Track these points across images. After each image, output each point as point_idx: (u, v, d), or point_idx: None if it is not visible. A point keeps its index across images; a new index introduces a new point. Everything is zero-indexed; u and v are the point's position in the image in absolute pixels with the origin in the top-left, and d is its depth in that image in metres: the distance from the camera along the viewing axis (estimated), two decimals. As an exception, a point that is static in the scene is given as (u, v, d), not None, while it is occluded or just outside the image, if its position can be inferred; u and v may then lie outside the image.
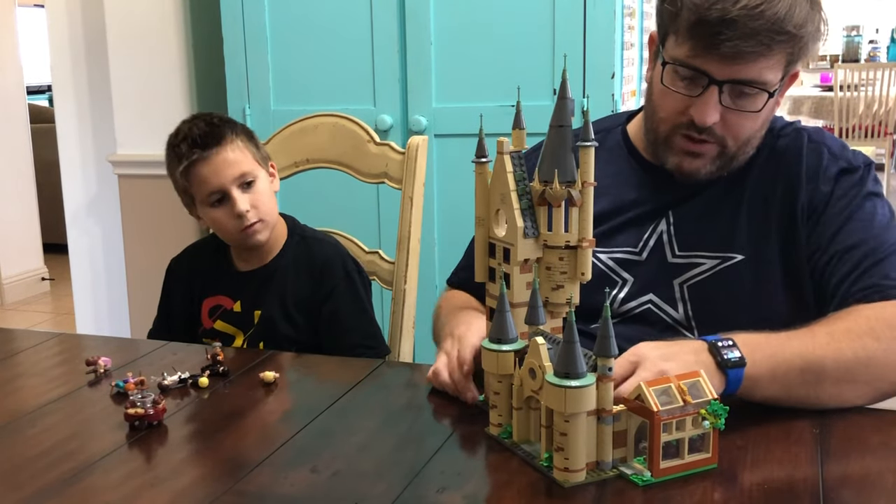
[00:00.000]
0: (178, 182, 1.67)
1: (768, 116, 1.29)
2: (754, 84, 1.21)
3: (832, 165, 1.30)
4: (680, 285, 1.30)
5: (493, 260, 1.11)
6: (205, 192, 1.63)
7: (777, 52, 1.20)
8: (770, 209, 1.30)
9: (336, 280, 1.68)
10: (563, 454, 0.95)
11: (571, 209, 1.04)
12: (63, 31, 3.09)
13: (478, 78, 2.48)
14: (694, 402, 0.96)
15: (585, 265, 1.06)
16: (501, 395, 1.06)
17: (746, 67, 1.20)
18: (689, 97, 1.24)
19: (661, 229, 1.33)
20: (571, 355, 0.93)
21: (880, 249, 1.23)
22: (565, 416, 0.94)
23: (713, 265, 1.29)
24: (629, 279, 1.33)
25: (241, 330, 1.69)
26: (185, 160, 1.62)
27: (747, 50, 1.17)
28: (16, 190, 4.84)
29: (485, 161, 1.10)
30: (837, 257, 1.25)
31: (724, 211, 1.31)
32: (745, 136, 1.27)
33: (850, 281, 1.22)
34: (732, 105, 1.23)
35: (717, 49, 1.18)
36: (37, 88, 7.46)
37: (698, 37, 1.20)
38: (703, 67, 1.21)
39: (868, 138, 6.11)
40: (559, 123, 1.05)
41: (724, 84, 1.21)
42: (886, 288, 1.20)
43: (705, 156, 1.27)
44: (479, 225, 1.12)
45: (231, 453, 1.09)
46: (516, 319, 1.06)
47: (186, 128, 1.66)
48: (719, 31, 1.17)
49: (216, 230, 1.69)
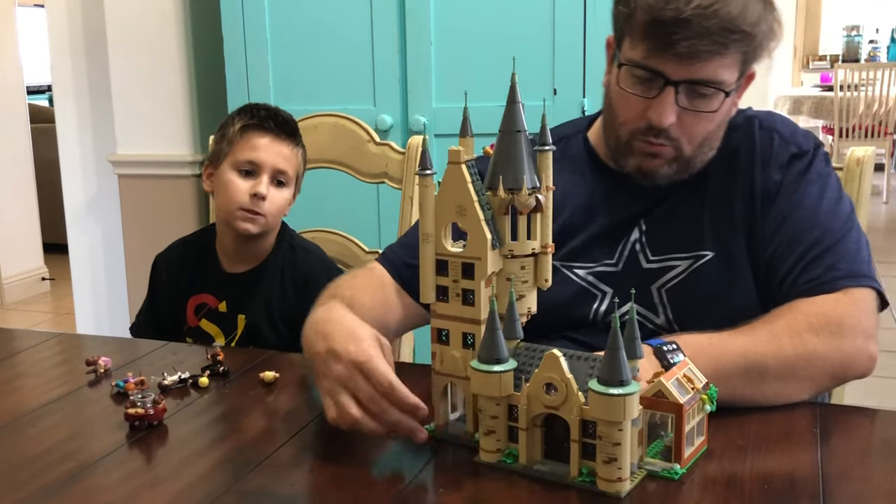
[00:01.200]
0: (228, 133, 1.68)
1: (724, 118, 1.28)
2: (710, 84, 1.21)
3: (783, 151, 1.30)
4: (658, 290, 1.30)
5: (444, 278, 1.04)
6: (244, 157, 1.65)
7: (732, 51, 1.20)
8: (733, 203, 1.30)
9: (320, 292, 1.67)
10: (617, 464, 0.92)
11: (532, 216, 1.02)
12: (63, 31, 3.09)
13: (478, 78, 2.48)
14: (700, 388, 0.99)
15: (548, 271, 1.04)
16: (500, 418, 0.99)
17: (702, 67, 1.19)
18: (647, 99, 1.23)
19: (634, 238, 1.33)
20: (618, 362, 0.90)
21: (824, 239, 1.24)
22: (620, 426, 0.91)
23: (686, 265, 1.29)
24: (608, 291, 1.32)
25: (224, 331, 1.69)
26: (255, 120, 1.66)
27: (702, 49, 1.17)
28: (16, 190, 4.84)
29: (429, 173, 1.03)
30: (782, 249, 1.25)
31: (690, 211, 1.32)
32: (699, 138, 1.26)
33: (794, 275, 1.23)
34: (689, 106, 1.22)
35: (672, 49, 1.18)
36: (37, 88, 7.46)
37: (653, 37, 1.19)
38: (658, 68, 1.21)
39: (868, 138, 6.12)
40: (514, 129, 1.02)
41: (680, 84, 1.21)
42: (828, 281, 1.20)
43: (663, 156, 1.27)
44: (427, 241, 1.03)
45: (231, 453, 1.09)
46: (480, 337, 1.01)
47: (273, 107, 1.71)
48: (673, 30, 1.16)
49: (221, 194, 1.68)
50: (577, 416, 0.94)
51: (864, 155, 1.47)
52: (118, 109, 2.97)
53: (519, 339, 1.03)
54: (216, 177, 1.69)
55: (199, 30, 2.90)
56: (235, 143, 1.65)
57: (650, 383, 0.97)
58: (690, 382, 0.99)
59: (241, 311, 1.68)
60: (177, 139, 2.93)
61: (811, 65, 8.13)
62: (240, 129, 1.66)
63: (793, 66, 7.84)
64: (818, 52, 8.41)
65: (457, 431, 1.08)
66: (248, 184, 1.64)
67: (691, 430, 0.98)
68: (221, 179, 1.66)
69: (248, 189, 1.64)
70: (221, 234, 1.73)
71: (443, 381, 1.07)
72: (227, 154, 1.67)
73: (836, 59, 7.69)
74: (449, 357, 1.06)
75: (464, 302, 1.03)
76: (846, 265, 1.22)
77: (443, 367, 1.07)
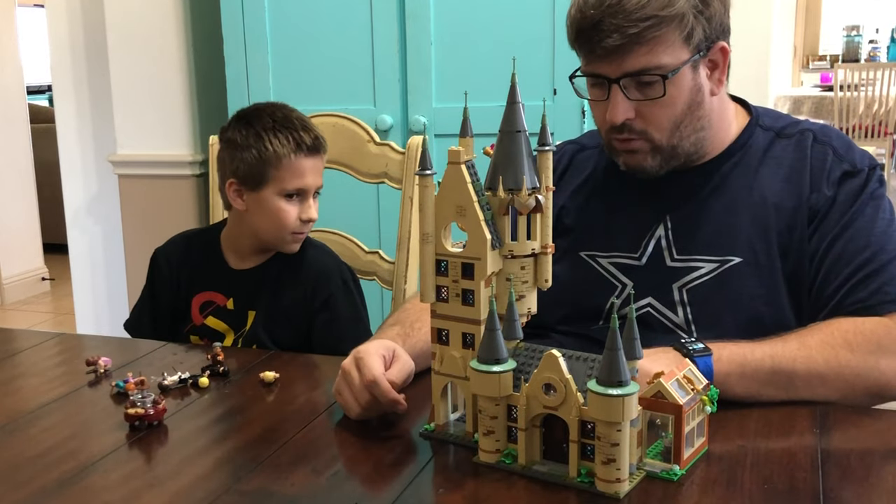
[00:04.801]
0: (267, 156, 1.63)
1: (692, 98, 1.28)
2: (648, 72, 1.24)
3: (836, 168, 1.30)
4: (679, 289, 1.30)
5: (443, 278, 1.04)
6: (294, 185, 1.64)
7: (653, 35, 1.22)
8: (770, 211, 1.29)
9: (332, 289, 1.68)
10: (615, 465, 0.92)
11: (532, 216, 1.02)
12: (63, 31, 3.09)
13: (478, 78, 2.48)
14: (700, 389, 0.99)
15: (548, 271, 1.04)
16: (499, 418, 1.00)
17: (630, 59, 1.23)
18: (604, 102, 1.28)
19: (660, 234, 1.33)
20: (618, 363, 0.90)
21: (874, 260, 1.24)
22: (618, 426, 0.91)
23: (712, 268, 1.29)
24: (628, 283, 1.33)
25: (234, 328, 1.68)
26: (303, 147, 1.64)
27: (617, 44, 1.22)
28: (16, 190, 4.84)
29: (429, 173, 1.03)
30: (830, 267, 1.25)
31: (720, 213, 1.32)
32: (667, 124, 1.28)
33: (842, 295, 1.23)
34: (641, 97, 1.26)
35: (595, 52, 1.25)
36: (37, 88, 7.46)
37: (582, 46, 1.27)
38: (597, 71, 1.27)
39: (868, 138, 6.11)
40: (514, 129, 1.02)
41: (621, 80, 1.25)
42: (876, 304, 1.21)
43: (639, 151, 1.30)
44: (427, 242, 1.04)
45: (231, 453, 1.09)
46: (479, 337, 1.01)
47: (303, 119, 1.69)
48: (592, 34, 1.23)
49: (270, 220, 1.65)
50: (576, 417, 0.94)
51: (864, 155, 1.46)
52: (118, 109, 2.97)
53: (518, 340, 1.03)
54: (255, 199, 1.65)
55: (199, 30, 2.90)
56: (282, 169, 1.63)
57: (650, 383, 0.97)
58: (690, 383, 0.99)
59: (251, 307, 1.68)
60: (177, 139, 2.93)
61: (811, 65, 8.12)
62: (286, 155, 1.63)
63: (793, 66, 7.83)
64: (818, 52, 8.41)
65: (456, 431, 1.08)
66: (296, 209, 1.65)
67: (691, 432, 0.98)
68: (267, 206, 1.64)
69: (298, 214, 1.65)
70: (240, 239, 1.71)
71: (442, 381, 1.07)
72: (271, 179, 1.63)
73: (836, 59, 7.68)
74: (448, 357, 1.06)
75: (463, 302, 1.03)
76: (893, 290, 1.22)
77: (442, 368, 1.07)
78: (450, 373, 1.06)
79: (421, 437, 1.10)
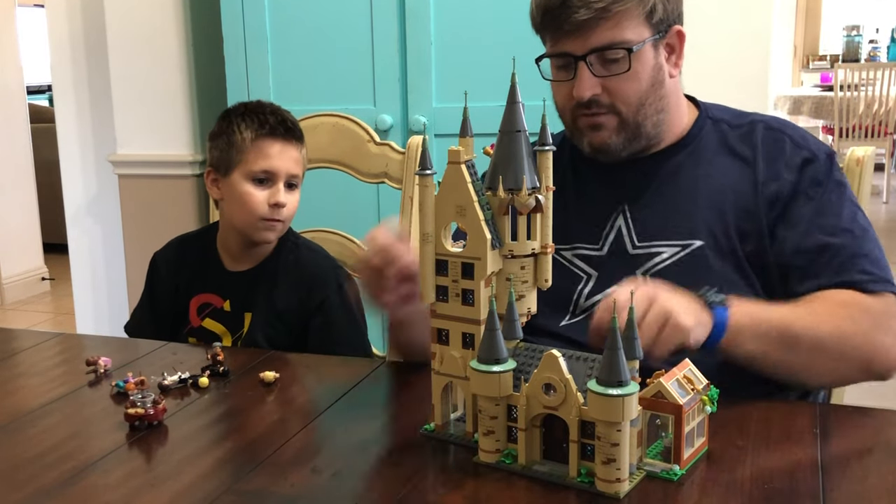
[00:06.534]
0: (236, 140, 1.64)
1: (654, 75, 1.32)
2: (612, 46, 1.29)
3: (795, 155, 1.33)
4: (644, 275, 1.31)
5: (443, 278, 1.04)
6: (259, 166, 1.63)
7: (618, 10, 1.27)
8: (726, 195, 1.33)
9: (327, 292, 1.67)
10: (615, 465, 0.92)
11: (532, 216, 1.02)
12: (63, 31, 3.09)
13: (478, 78, 2.48)
14: (701, 389, 0.99)
15: (548, 271, 1.05)
16: (499, 418, 0.99)
17: (595, 35, 1.28)
18: (570, 81, 1.32)
19: (619, 223, 1.36)
20: (617, 363, 0.90)
21: (851, 245, 1.28)
22: (618, 426, 0.91)
23: (674, 252, 1.32)
24: (593, 274, 1.35)
25: (231, 330, 1.68)
26: (266, 128, 1.64)
27: (586, 19, 1.27)
28: (16, 190, 4.84)
29: (429, 173, 1.03)
30: (811, 255, 1.28)
31: (678, 199, 1.35)
32: (633, 98, 1.32)
33: (826, 279, 1.26)
34: (606, 72, 1.30)
35: (562, 29, 1.29)
36: (37, 88, 7.46)
37: (548, 26, 1.32)
38: (563, 50, 1.31)
39: (868, 138, 6.11)
40: (513, 129, 1.02)
41: (587, 57, 1.29)
42: (863, 282, 1.25)
43: (606, 126, 1.33)
44: (426, 241, 1.04)
45: (231, 453, 1.09)
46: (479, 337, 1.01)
47: (275, 108, 1.70)
48: (559, 13, 1.28)
49: (238, 205, 1.65)
50: (576, 417, 0.94)
51: (864, 155, 1.47)
52: (118, 109, 2.97)
53: (518, 340, 1.03)
54: (226, 186, 1.66)
55: (199, 30, 2.90)
56: (246, 151, 1.63)
57: (651, 383, 0.97)
58: (690, 383, 0.99)
59: (247, 309, 1.68)
60: (177, 139, 2.93)
61: (811, 65, 8.13)
62: (253, 137, 1.63)
63: (793, 66, 7.84)
64: (818, 52, 8.41)
65: (456, 431, 1.08)
66: (264, 193, 1.63)
67: (691, 432, 0.98)
68: (235, 190, 1.64)
69: (265, 199, 1.63)
70: (228, 236, 1.72)
71: (442, 381, 1.07)
72: (237, 163, 1.64)
73: (836, 59, 7.68)
74: (448, 357, 1.06)
75: (463, 302, 1.03)
76: (877, 271, 1.26)
77: (442, 368, 1.07)
78: (450, 373, 1.06)
79: (421, 437, 1.09)
